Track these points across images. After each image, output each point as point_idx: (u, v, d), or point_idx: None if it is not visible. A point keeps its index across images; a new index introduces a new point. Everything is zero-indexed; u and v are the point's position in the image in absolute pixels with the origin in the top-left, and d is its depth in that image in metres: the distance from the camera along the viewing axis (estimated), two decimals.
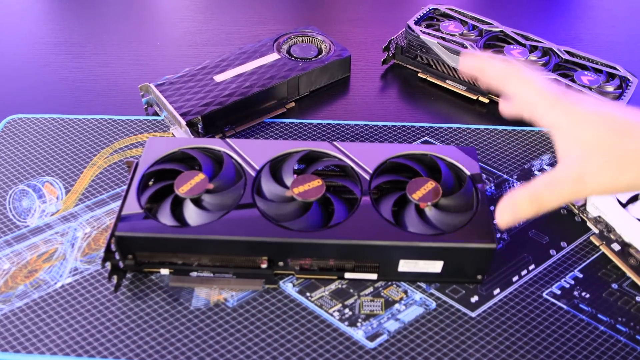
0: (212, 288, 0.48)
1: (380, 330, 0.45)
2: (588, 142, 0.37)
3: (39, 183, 0.56)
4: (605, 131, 0.37)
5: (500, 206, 0.41)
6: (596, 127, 0.37)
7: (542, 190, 0.39)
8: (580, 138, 0.37)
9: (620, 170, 0.36)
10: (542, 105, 0.39)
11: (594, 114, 0.37)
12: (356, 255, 0.46)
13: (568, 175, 0.38)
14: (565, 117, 0.38)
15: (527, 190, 0.39)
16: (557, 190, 0.38)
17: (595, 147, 0.36)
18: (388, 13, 0.86)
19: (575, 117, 0.38)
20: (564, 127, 0.38)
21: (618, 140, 0.36)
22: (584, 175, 0.37)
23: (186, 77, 0.64)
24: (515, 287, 0.48)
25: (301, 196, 0.47)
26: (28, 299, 0.47)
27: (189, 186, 0.47)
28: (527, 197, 0.39)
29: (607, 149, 0.36)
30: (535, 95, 0.39)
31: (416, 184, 0.48)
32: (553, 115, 0.39)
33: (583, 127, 0.37)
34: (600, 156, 0.36)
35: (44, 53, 0.75)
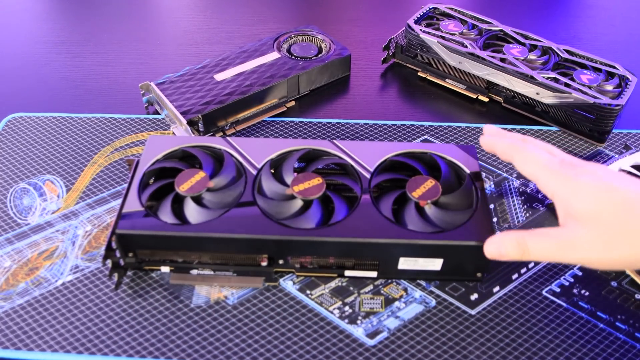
0: (212, 286, 0.48)
1: (380, 327, 0.45)
2: (584, 213, 0.38)
3: (39, 181, 0.56)
4: (603, 205, 0.37)
5: (491, 239, 0.42)
6: (594, 199, 0.38)
7: (531, 241, 0.39)
8: (578, 208, 0.38)
9: (611, 245, 0.37)
10: (543, 177, 0.41)
11: (594, 186, 0.38)
12: (356, 253, 0.46)
13: (560, 238, 0.39)
14: (564, 187, 0.39)
15: (519, 235, 0.40)
16: (544, 248, 0.39)
17: (591, 219, 0.37)
18: (388, 12, 0.86)
19: (574, 187, 0.39)
20: (563, 196, 0.39)
21: (615, 215, 0.37)
22: (575, 243, 0.38)
23: (187, 75, 0.64)
24: (514, 284, 0.48)
25: (301, 194, 0.47)
26: (29, 296, 0.47)
27: (190, 184, 0.47)
28: (515, 241, 0.40)
29: (602, 223, 0.37)
30: (537, 169, 0.41)
31: (416, 182, 0.48)
32: (553, 186, 0.40)
33: (580, 197, 0.38)
34: (594, 229, 0.37)
35: (44, 52, 0.75)
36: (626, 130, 0.63)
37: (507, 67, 0.63)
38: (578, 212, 0.38)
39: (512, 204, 0.55)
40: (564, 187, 0.39)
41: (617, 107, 0.58)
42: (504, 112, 0.66)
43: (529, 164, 0.42)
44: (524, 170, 0.42)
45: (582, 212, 0.37)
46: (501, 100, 0.66)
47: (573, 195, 0.38)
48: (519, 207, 0.54)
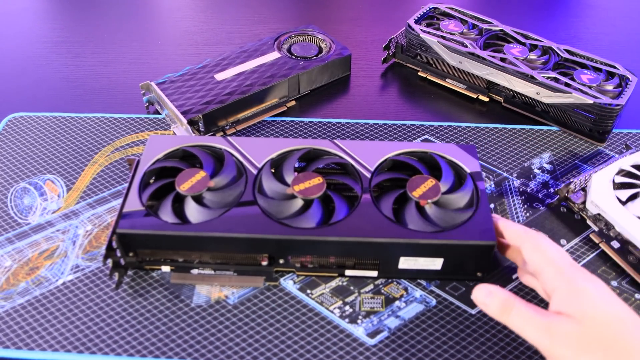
0: (213, 285, 0.48)
1: (380, 327, 0.45)
2: (580, 315, 0.36)
3: (40, 181, 0.56)
4: (600, 315, 0.36)
5: (484, 286, 0.41)
6: (594, 306, 0.37)
7: (516, 309, 0.38)
8: (575, 309, 0.37)
9: (586, 352, 0.35)
10: (550, 270, 0.40)
11: (598, 296, 0.37)
12: (357, 252, 0.46)
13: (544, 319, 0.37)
14: (569, 286, 0.38)
15: (510, 299, 0.39)
16: (525, 321, 0.38)
17: (583, 321, 0.36)
18: (388, 12, 0.86)
19: (578, 291, 0.38)
20: (564, 295, 0.38)
21: (605, 329, 0.36)
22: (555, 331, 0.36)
23: (187, 75, 0.64)
24: (515, 284, 0.48)
25: (302, 194, 0.47)
26: (29, 296, 0.47)
27: (190, 184, 0.47)
28: (502, 302, 0.39)
29: (591, 330, 0.36)
30: (546, 261, 0.40)
31: (416, 182, 0.48)
32: (557, 282, 0.39)
33: (581, 300, 0.37)
34: (581, 330, 0.36)
35: (45, 51, 0.75)
36: (626, 130, 0.63)
37: (507, 66, 0.63)
38: (574, 311, 0.37)
39: (512, 203, 0.55)
40: (568, 287, 0.38)
41: (617, 106, 0.58)
42: (504, 111, 0.66)
43: (540, 253, 0.41)
44: (532, 257, 0.41)
45: (578, 313, 0.36)
46: (501, 100, 0.66)
47: (575, 296, 0.37)
48: (519, 207, 0.54)
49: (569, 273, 0.39)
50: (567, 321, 0.36)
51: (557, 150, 0.61)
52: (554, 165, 0.59)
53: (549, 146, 0.61)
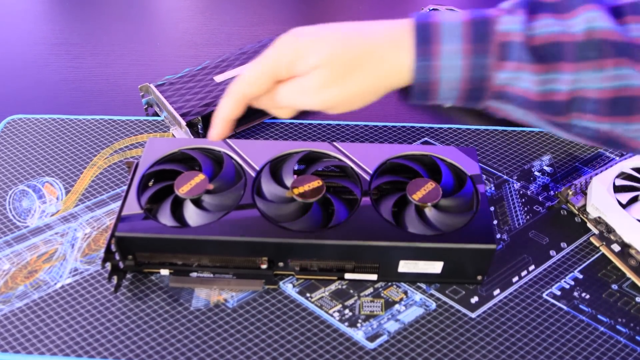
0: (212, 288, 0.48)
1: (380, 330, 0.45)
2: (317, 62, 0.37)
3: (39, 183, 0.56)
4: (331, 47, 0.37)
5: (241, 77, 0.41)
6: (322, 47, 0.37)
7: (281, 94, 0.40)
8: (310, 60, 0.37)
9: (348, 76, 0.37)
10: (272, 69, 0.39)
11: (318, 37, 0.38)
12: (356, 255, 0.46)
13: (300, 86, 0.38)
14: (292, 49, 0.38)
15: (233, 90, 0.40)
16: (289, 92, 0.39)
17: (323, 63, 0.37)
18: (388, 13, 0.86)
19: (301, 46, 0.38)
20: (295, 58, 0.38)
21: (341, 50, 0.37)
22: (315, 86, 0.37)
23: (186, 77, 0.64)
24: (515, 287, 0.48)
25: (301, 197, 0.47)
26: (28, 299, 0.47)
27: (189, 187, 0.47)
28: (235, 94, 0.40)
29: (333, 62, 0.37)
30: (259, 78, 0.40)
31: (416, 185, 0.48)
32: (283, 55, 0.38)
33: (311, 51, 0.37)
34: (327, 69, 0.37)
35: (44, 53, 0.75)
36: None
37: None
38: (310, 63, 0.37)
39: (512, 206, 0.55)
40: (292, 50, 0.38)
41: None
42: None
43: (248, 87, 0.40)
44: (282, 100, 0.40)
45: (313, 62, 0.37)
46: None
47: (302, 51, 0.37)
48: (519, 210, 0.54)
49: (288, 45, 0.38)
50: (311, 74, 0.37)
51: (557, 152, 0.60)
52: (554, 168, 0.59)
53: (549, 149, 0.61)
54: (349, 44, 0.37)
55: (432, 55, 0.35)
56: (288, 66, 0.38)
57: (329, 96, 0.38)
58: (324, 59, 0.37)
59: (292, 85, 0.39)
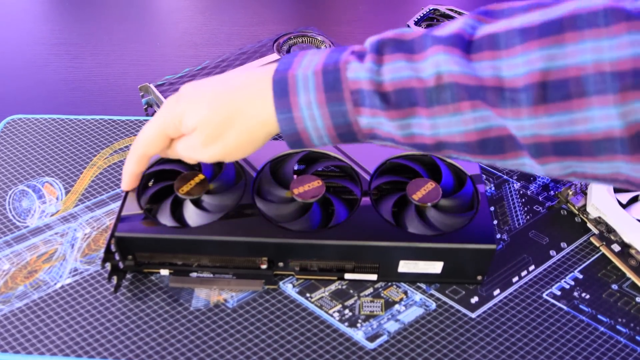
0: (212, 289, 0.47)
1: (380, 330, 0.45)
2: (195, 124, 0.39)
3: (38, 183, 0.56)
4: (203, 110, 0.39)
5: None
6: (197, 110, 0.39)
7: None
8: (189, 122, 0.40)
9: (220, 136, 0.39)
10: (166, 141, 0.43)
11: (194, 101, 0.40)
12: (356, 256, 0.46)
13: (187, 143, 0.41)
14: (173, 112, 0.40)
15: None
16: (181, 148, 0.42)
17: (200, 126, 0.39)
18: (388, 13, 0.86)
19: (181, 110, 0.40)
20: (178, 119, 0.40)
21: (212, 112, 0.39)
22: (197, 145, 0.40)
23: (186, 77, 0.64)
24: (515, 287, 0.48)
25: (301, 197, 0.47)
26: (28, 299, 0.47)
27: (189, 187, 0.47)
28: None
29: (207, 125, 0.39)
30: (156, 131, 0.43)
31: (416, 185, 0.48)
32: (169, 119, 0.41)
33: (188, 114, 0.40)
34: (204, 131, 0.39)
35: (44, 53, 0.75)
36: None
37: None
38: (189, 124, 0.40)
39: (512, 206, 0.55)
40: (174, 113, 0.40)
41: None
42: None
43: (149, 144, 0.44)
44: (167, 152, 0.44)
45: (192, 123, 0.39)
46: None
47: (183, 115, 0.40)
48: (519, 210, 0.54)
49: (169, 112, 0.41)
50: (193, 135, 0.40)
51: None
52: None
53: None
54: (217, 106, 0.39)
55: (291, 107, 0.36)
56: (173, 128, 0.41)
57: (212, 152, 0.40)
58: (199, 122, 0.39)
59: (182, 143, 0.42)
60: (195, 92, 0.40)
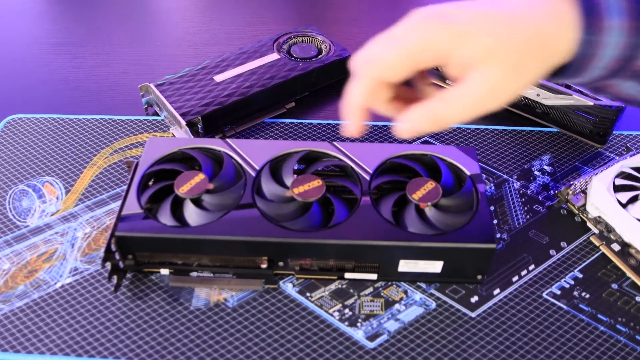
0: (212, 288, 0.48)
1: (380, 330, 0.45)
2: (484, 53, 0.32)
3: (38, 183, 0.56)
4: (499, 34, 0.32)
5: (403, 117, 0.36)
6: (487, 33, 0.32)
7: (444, 112, 0.35)
8: (475, 51, 0.33)
9: (522, 68, 0.33)
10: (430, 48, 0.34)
11: (479, 20, 0.33)
12: (356, 255, 0.46)
13: (473, 92, 0.33)
14: (451, 39, 0.33)
15: (430, 110, 0.35)
16: (462, 109, 0.34)
17: (493, 54, 0.32)
18: (388, 13, 0.86)
19: (461, 32, 0.33)
20: (452, 49, 0.33)
21: (507, 38, 0.32)
22: (490, 89, 0.33)
23: (186, 77, 0.64)
24: (515, 287, 0.48)
25: (301, 196, 0.47)
26: (28, 299, 0.47)
27: (189, 186, 0.47)
28: (430, 119, 0.35)
29: (505, 53, 0.32)
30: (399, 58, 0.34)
31: (416, 184, 0.48)
32: (442, 48, 0.33)
33: (472, 39, 0.32)
34: (501, 63, 0.33)
35: (43, 53, 0.75)
36: (627, 132, 0.63)
37: None
38: (476, 54, 0.33)
39: (512, 205, 0.55)
40: (449, 41, 0.33)
41: (617, 108, 0.58)
42: (504, 113, 0.66)
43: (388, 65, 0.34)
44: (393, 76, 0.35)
45: (479, 52, 0.32)
46: None
47: (461, 41, 0.33)
48: (519, 209, 0.54)
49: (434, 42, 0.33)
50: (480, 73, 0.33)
51: (557, 152, 0.60)
52: (554, 167, 0.59)
53: (549, 148, 0.61)
54: (514, 29, 0.32)
55: (598, 30, 0.32)
56: (438, 55, 0.33)
57: (513, 89, 0.33)
58: (491, 51, 0.31)
59: (448, 96, 0.33)
60: (465, 12, 0.32)
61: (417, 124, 0.36)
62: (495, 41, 0.32)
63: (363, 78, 0.36)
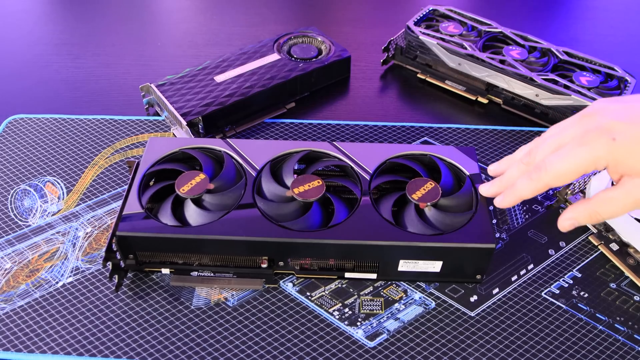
0: (212, 287, 0.48)
1: (380, 329, 0.45)
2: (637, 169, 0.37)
3: (40, 183, 0.56)
4: None
5: (564, 214, 0.42)
6: None
7: (602, 211, 0.40)
8: (635, 166, 0.37)
9: None
10: (587, 166, 0.38)
11: (635, 146, 0.37)
12: (356, 255, 0.46)
13: (630, 197, 0.38)
14: (612, 155, 0.37)
15: (589, 208, 0.40)
16: (620, 209, 0.39)
17: None
18: (388, 14, 0.86)
19: (622, 151, 0.37)
20: (615, 164, 0.38)
21: None
22: None
23: (187, 77, 0.64)
24: (514, 286, 0.48)
25: (301, 196, 0.47)
26: (29, 298, 0.47)
27: (190, 186, 0.47)
28: (588, 214, 0.40)
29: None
30: (576, 168, 0.39)
31: (416, 184, 0.48)
32: (602, 162, 0.38)
33: (632, 156, 0.37)
34: None
35: (45, 54, 0.75)
36: None
37: (506, 68, 0.63)
38: (636, 169, 0.37)
39: None
40: (611, 156, 0.37)
41: None
42: (503, 113, 0.66)
43: (565, 174, 0.39)
44: (566, 179, 0.39)
45: (635, 168, 0.37)
46: (500, 102, 0.67)
47: (623, 158, 0.37)
48: (518, 209, 0.55)
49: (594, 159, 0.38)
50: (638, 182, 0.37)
51: None
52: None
53: None
54: None
55: None
56: (602, 166, 0.38)
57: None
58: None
59: (609, 198, 0.38)
60: (631, 129, 0.36)
61: (580, 219, 0.41)
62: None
63: (536, 181, 0.40)
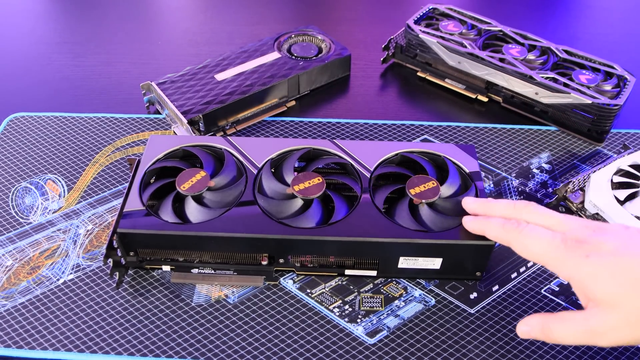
0: (213, 284, 0.48)
1: (380, 326, 0.45)
2: (604, 297, 0.35)
3: (41, 180, 0.57)
4: (621, 286, 0.35)
5: (524, 320, 0.40)
6: (611, 281, 0.35)
7: (555, 329, 0.38)
8: (596, 292, 0.35)
9: (638, 325, 0.35)
10: (550, 263, 0.38)
11: (607, 267, 0.35)
12: (356, 252, 0.46)
13: (584, 326, 0.36)
14: (577, 271, 0.36)
15: (545, 321, 0.38)
16: (570, 334, 0.37)
17: (612, 302, 0.35)
18: (388, 12, 0.86)
19: (587, 272, 0.36)
20: (578, 281, 0.37)
21: (636, 295, 0.34)
22: (600, 329, 0.35)
23: (187, 75, 0.64)
24: (514, 283, 0.48)
25: (302, 194, 0.47)
26: (30, 295, 0.47)
27: (191, 183, 0.48)
28: (540, 328, 0.38)
29: (624, 305, 0.34)
30: (541, 256, 0.38)
31: (418, 180, 0.48)
32: (565, 271, 0.37)
33: (596, 281, 0.35)
34: (618, 312, 0.35)
35: (46, 52, 0.76)
36: (624, 130, 0.64)
37: (506, 67, 0.63)
38: (597, 296, 0.35)
39: None
40: (577, 272, 0.36)
41: (615, 107, 0.58)
42: (503, 111, 0.66)
43: (530, 250, 0.39)
44: (527, 256, 0.39)
45: (601, 296, 0.35)
46: (500, 100, 0.67)
47: (588, 279, 0.36)
48: None
49: (570, 257, 0.37)
50: (602, 312, 0.35)
51: (555, 150, 0.61)
52: (552, 165, 0.59)
53: (547, 146, 0.61)
54: None
55: None
56: (565, 275, 0.37)
57: (608, 342, 0.35)
58: (613, 298, 0.34)
59: (567, 318, 0.37)
60: (615, 258, 0.35)
61: (533, 332, 0.39)
62: (619, 290, 0.34)
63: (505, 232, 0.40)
